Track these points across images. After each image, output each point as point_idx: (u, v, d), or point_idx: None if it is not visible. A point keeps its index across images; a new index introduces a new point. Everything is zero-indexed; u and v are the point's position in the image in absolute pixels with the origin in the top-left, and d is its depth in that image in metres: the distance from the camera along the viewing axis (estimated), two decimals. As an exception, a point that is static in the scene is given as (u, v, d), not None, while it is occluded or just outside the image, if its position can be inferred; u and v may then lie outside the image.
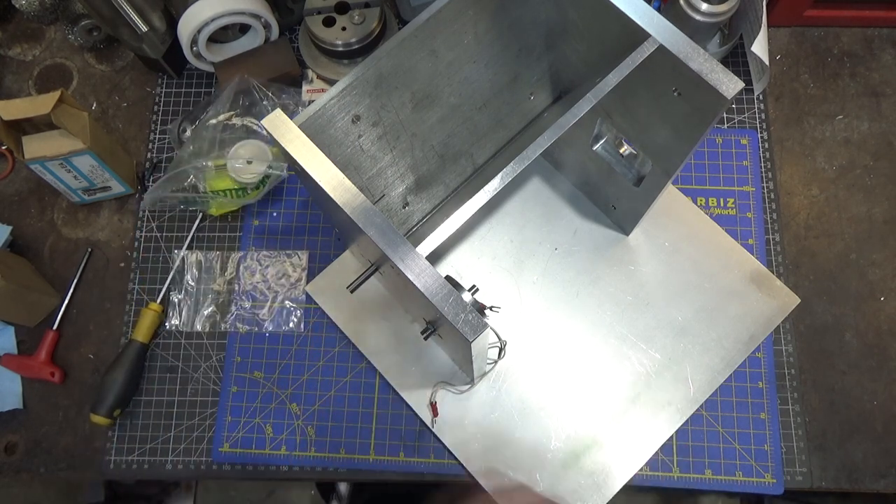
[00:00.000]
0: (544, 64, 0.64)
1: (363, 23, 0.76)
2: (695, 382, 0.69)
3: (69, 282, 0.75)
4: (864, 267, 0.73)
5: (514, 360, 0.70)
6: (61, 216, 0.79)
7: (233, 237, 0.77)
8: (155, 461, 0.70)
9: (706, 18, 0.70)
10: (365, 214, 0.44)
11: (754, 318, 0.70)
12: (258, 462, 0.70)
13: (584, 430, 0.68)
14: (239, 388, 0.72)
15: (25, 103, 0.67)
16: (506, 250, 0.74)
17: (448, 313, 0.43)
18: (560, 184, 0.76)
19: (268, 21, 0.78)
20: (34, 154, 0.69)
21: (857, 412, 0.68)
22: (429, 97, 0.58)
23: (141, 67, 0.84)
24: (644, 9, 0.47)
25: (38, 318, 0.75)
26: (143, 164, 0.80)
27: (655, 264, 0.72)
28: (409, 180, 0.65)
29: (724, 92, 0.45)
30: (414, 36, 0.51)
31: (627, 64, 0.47)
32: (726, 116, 0.78)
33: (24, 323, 0.74)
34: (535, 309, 0.72)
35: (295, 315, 0.74)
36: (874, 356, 0.70)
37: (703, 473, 0.67)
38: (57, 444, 0.71)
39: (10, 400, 0.72)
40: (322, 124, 0.51)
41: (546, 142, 0.46)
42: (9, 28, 0.87)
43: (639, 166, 0.63)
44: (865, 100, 0.78)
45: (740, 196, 0.75)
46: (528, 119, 0.71)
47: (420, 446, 0.69)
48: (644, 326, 0.70)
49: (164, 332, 0.74)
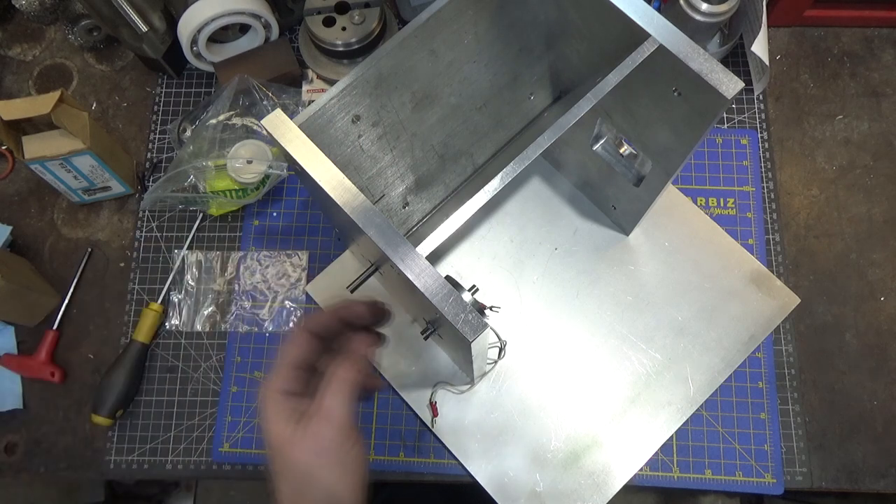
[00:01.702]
0: (544, 64, 0.64)
1: (363, 23, 0.76)
2: (695, 382, 0.69)
3: (69, 282, 0.75)
4: (864, 267, 0.73)
5: (514, 360, 0.70)
6: (61, 216, 0.79)
7: (233, 237, 0.77)
8: (155, 461, 0.70)
9: (706, 18, 0.70)
10: (365, 214, 0.44)
11: (754, 318, 0.70)
12: (258, 462, 0.70)
13: (584, 430, 0.68)
14: (239, 388, 0.72)
15: (25, 103, 0.67)
16: (506, 250, 0.74)
17: (448, 313, 0.43)
18: (560, 184, 0.76)
19: (268, 21, 0.78)
20: (34, 154, 0.69)
21: (857, 412, 0.68)
22: (429, 97, 0.58)
23: (141, 67, 0.84)
24: (644, 9, 0.47)
25: (38, 318, 0.75)
26: (143, 164, 0.80)
27: (655, 264, 0.72)
28: (409, 180, 0.65)
29: (724, 92, 0.45)
30: (414, 36, 0.51)
31: (627, 64, 0.47)
32: (726, 116, 0.78)
33: (24, 323, 0.74)
34: (535, 309, 0.72)
35: (295, 315, 0.74)
36: (874, 356, 0.70)
37: (703, 473, 0.67)
38: (57, 444, 0.71)
39: (10, 400, 0.72)
40: (322, 124, 0.51)
41: (546, 142, 0.46)
42: (9, 28, 0.87)
43: (639, 166, 0.63)
44: (865, 100, 0.78)
45: (740, 196, 0.75)
46: (528, 119, 0.71)
47: (420, 446, 0.69)
48: (644, 326, 0.70)
49: (165, 332, 0.74)
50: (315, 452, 0.46)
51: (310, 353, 0.51)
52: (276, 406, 0.48)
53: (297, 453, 0.46)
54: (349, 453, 0.47)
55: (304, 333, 0.51)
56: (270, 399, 0.49)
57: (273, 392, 0.49)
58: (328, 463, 0.46)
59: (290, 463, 0.46)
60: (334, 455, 0.46)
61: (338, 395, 0.47)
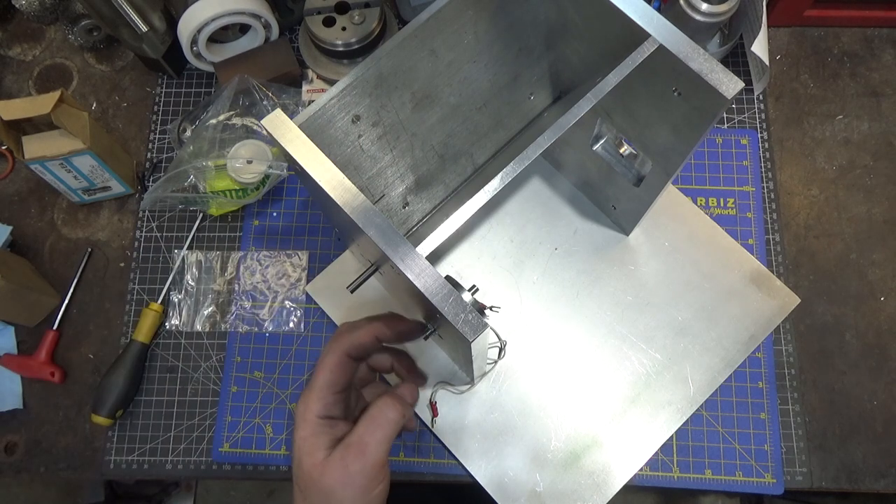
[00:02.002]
0: (544, 64, 0.64)
1: (363, 23, 0.76)
2: (695, 382, 0.69)
3: (69, 282, 0.75)
4: (864, 267, 0.73)
5: (514, 360, 0.70)
6: (61, 216, 0.79)
7: (233, 237, 0.77)
8: (155, 461, 0.70)
9: (706, 18, 0.70)
10: (365, 214, 0.44)
11: (754, 318, 0.70)
12: (258, 462, 0.70)
13: (584, 430, 0.68)
14: (239, 388, 0.72)
15: (25, 103, 0.67)
16: (506, 250, 0.74)
17: (448, 313, 0.43)
18: (560, 184, 0.76)
19: (268, 21, 0.78)
20: (34, 154, 0.69)
21: (857, 412, 0.68)
22: (429, 97, 0.58)
23: (141, 67, 0.84)
24: (644, 9, 0.47)
25: (38, 318, 0.75)
26: (143, 164, 0.80)
27: (655, 264, 0.72)
28: (409, 180, 0.65)
29: (724, 92, 0.45)
30: (414, 36, 0.51)
31: (627, 64, 0.47)
32: (726, 116, 0.78)
33: (24, 323, 0.74)
34: (535, 309, 0.72)
35: (295, 315, 0.74)
36: (874, 356, 0.70)
37: (703, 473, 0.67)
38: (57, 444, 0.71)
39: (10, 400, 0.72)
40: (322, 124, 0.51)
41: (546, 142, 0.46)
42: (9, 28, 0.87)
43: (639, 166, 0.63)
44: (865, 100, 0.78)
45: (740, 196, 0.75)
46: (528, 119, 0.71)
47: (420, 446, 0.69)
48: (644, 326, 0.70)
49: (165, 332, 0.74)
50: (342, 483, 0.46)
51: (348, 376, 0.52)
52: (313, 429, 0.49)
53: (326, 479, 0.46)
54: (374, 490, 0.47)
55: (342, 357, 0.51)
56: (308, 422, 0.49)
57: (312, 416, 0.49)
58: (352, 496, 0.46)
59: (316, 486, 0.47)
60: (359, 489, 0.46)
61: (377, 433, 0.48)
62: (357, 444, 0.47)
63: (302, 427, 0.49)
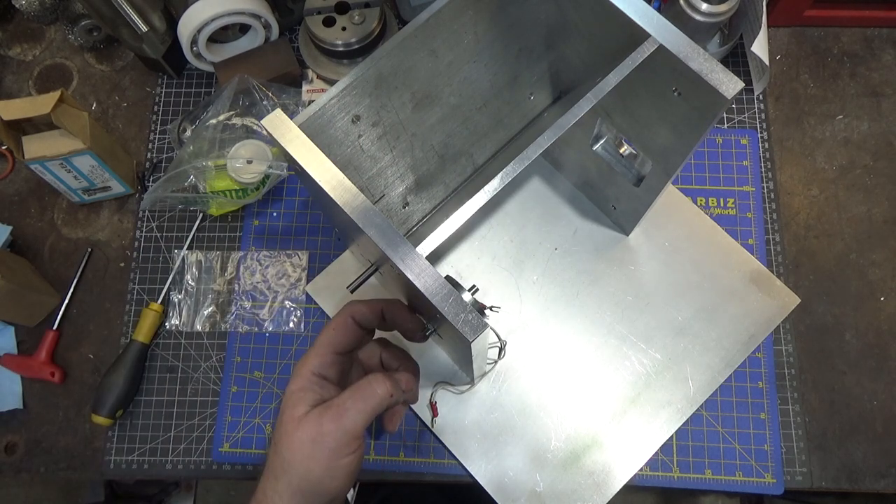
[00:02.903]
0: (544, 64, 0.64)
1: (363, 23, 0.76)
2: (695, 382, 0.69)
3: (69, 282, 0.75)
4: (864, 267, 0.73)
5: (514, 360, 0.70)
6: (61, 216, 0.79)
7: (233, 237, 0.77)
8: (155, 461, 0.70)
9: (706, 18, 0.70)
10: (365, 214, 0.44)
11: (754, 318, 0.70)
12: (258, 462, 0.70)
13: (584, 430, 0.68)
14: (239, 388, 0.72)
15: (25, 103, 0.67)
16: (506, 250, 0.74)
17: (448, 313, 0.43)
18: (560, 184, 0.76)
19: (268, 21, 0.78)
20: (34, 154, 0.69)
21: (857, 412, 0.68)
22: (429, 97, 0.58)
23: (141, 67, 0.84)
24: (644, 9, 0.47)
25: (38, 318, 0.75)
26: (143, 164, 0.80)
27: (655, 264, 0.72)
28: (409, 180, 0.65)
29: (724, 92, 0.45)
30: (414, 36, 0.51)
31: (627, 64, 0.47)
32: (726, 116, 0.78)
33: (24, 323, 0.74)
34: (535, 309, 0.72)
35: (295, 315, 0.74)
36: (874, 356, 0.70)
37: (703, 473, 0.67)
38: (57, 444, 0.71)
39: (10, 400, 0.72)
40: (322, 124, 0.51)
41: (546, 142, 0.46)
42: (9, 28, 0.87)
43: (639, 166, 0.63)
44: (865, 100, 0.78)
45: (740, 196, 0.75)
46: (528, 119, 0.71)
47: (420, 446, 0.69)
48: (644, 326, 0.70)
49: (164, 332, 0.74)
50: (311, 439, 0.46)
51: (351, 340, 0.53)
52: (303, 384, 0.49)
53: (298, 433, 0.47)
54: (341, 459, 0.47)
55: (349, 319, 0.53)
56: (301, 376, 0.50)
57: (307, 371, 0.50)
58: (317, 455, 0.46)
59: (288, 438, 0.47)
60: (327, 451, 0.47)
61: (359, 403, 0.48)
62: (337, 406, 0.47)
63: (294, 381, 0.50)
